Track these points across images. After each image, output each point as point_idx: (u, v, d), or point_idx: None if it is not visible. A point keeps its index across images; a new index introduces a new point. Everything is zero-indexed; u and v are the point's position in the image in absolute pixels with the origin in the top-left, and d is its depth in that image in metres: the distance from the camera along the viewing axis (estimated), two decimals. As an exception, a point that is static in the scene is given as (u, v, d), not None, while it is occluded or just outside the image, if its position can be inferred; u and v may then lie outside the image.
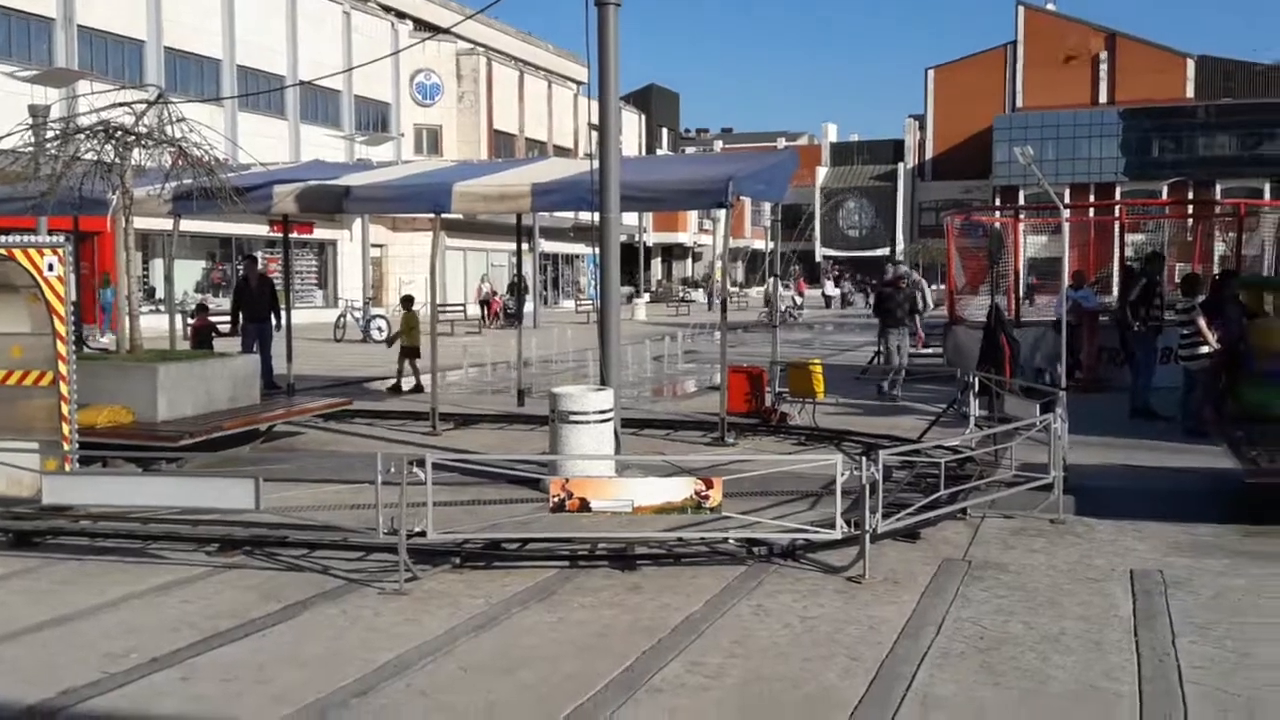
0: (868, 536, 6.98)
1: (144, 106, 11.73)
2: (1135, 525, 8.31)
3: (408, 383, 17.01)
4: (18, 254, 8.64)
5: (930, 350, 21.91)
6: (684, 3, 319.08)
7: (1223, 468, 9.60)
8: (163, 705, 5.07)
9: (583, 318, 38.86)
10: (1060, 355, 11.69)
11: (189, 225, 15.09)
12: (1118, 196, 64.47)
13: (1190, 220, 24.83)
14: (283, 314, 16.49)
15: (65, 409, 8.76)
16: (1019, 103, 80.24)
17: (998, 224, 21.90)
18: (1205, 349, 12.15)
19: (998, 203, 62.05)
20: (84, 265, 25.83)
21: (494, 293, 38.94)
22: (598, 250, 10.92)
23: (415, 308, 17.57)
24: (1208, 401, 12.33)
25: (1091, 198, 64.52)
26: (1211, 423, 11.75)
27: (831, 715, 4.90)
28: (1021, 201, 56.46)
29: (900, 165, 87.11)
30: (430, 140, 47.36)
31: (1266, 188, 67.72)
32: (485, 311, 37.37)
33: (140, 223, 12.43)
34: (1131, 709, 4.94)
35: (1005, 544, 7.85)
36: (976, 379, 11.61)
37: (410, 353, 17.12)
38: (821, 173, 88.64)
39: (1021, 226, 21.54)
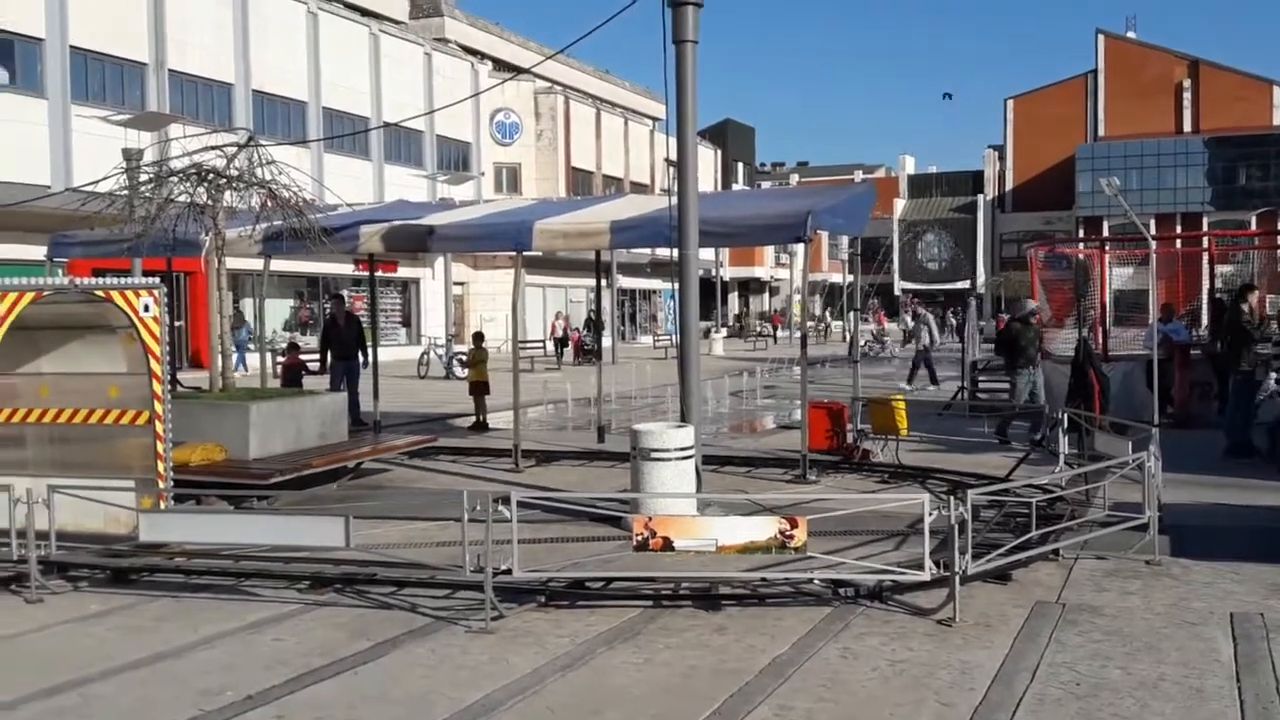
0: (957, 578, 6.86)
1: (235, 149, 12.06)
2: (1233, 566, 8.06)
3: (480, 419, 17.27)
4: (115, 295, 8.89)
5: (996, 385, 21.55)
6: (759, 37, 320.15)
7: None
8: (257, 742, 5.14)
9: (660, 352, 38.93)
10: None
11: (278, 264, 15.43)
12: (1204, 226, 63.19)
13: (1282, 250, 24.16)
14: (369, 352, 16.78)
15: (161, 448, 8.96)
16: (1101, 132, 79.03)
17: (1082, 256, 21.51)
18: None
19: (1081, 234, 61.08)
20: (176, 306, 26.50)
21: (571, 328, 39.14)
22: (675, 285, 10.95)
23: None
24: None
25: (1178, 228, 63.26)
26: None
27: (924, 762, 4.81)
28: (1106, 232, 55.54)
29: (980, 196, 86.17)
30: (509, 178, 47.98)
31: (1362, 216, 65.76)
32: (560, 348, 37.47)
33: (231, 262, 12.74)
34: (1238, 760, 4.79)
35: (1099, 586, 7.67)
36: (1065, 415, 11.39)
37: (478, 388, 17.39)
38: (899, 205, 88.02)
39: (1107, 258, 21.13)
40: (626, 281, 51.36)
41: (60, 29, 27.13)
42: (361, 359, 16.89)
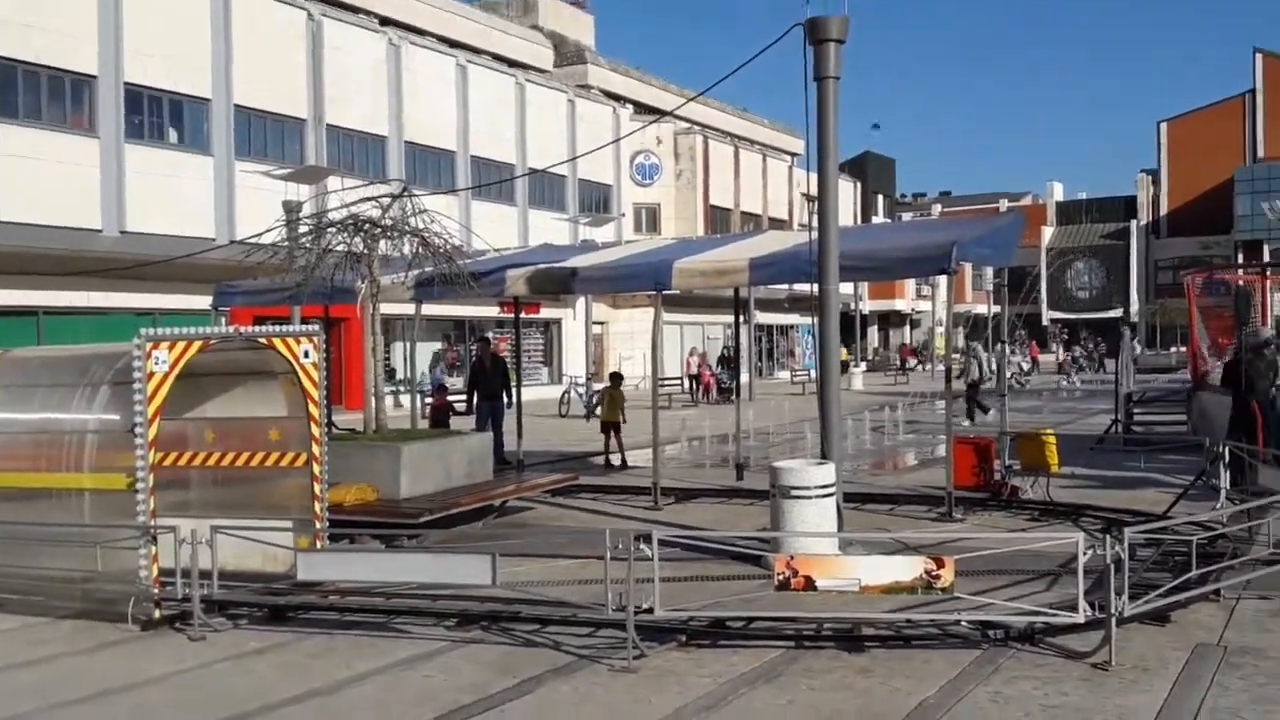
0: (1114, 619, 6.63)
1: (389, 200, 12.51)
2: None
3: (616, 457, 17.41)
4: (277, 343, 9.28)
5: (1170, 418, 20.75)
6: (899, 65, 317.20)
7: None
8: (409, 776, 5.28)
9: (797, 388, 38.63)
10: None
11: (426, 309, 15.90)
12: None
13: None
14: (514, 392, 17.12)
15: (317, 488, 9.30)
16: (1260, 153, 75.66)
17: (1243, 282, 20.63)
18: None
19: (1241, 259, 58.47)
20: (332, 351, 27.50)
21: (704, 365, 39.03)
22: (813, 320, 10.91)
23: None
24: None
25: (1348, 249, 60.02)
26: None
27: (1078, 811, 4.67)
28: (1267, 257, 53.06)
29: (1133, 222, 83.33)
30: (649, 218, 48.44)
31: None
32: (696, 385, 37.37)
33: (384, 308, 13.19)
34: None
35: (1263, 627, 7.32)
36: (1226, 449, 10.91)
37: (609, 427, 17.60)
38: (1047, 233, 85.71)
39: (1269, 284, 20.23)
40: (764, 317, 51.17)
41: (225, 89, 28.57)
42: (506, 399, 17.25)
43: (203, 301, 16.84)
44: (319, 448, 9.27)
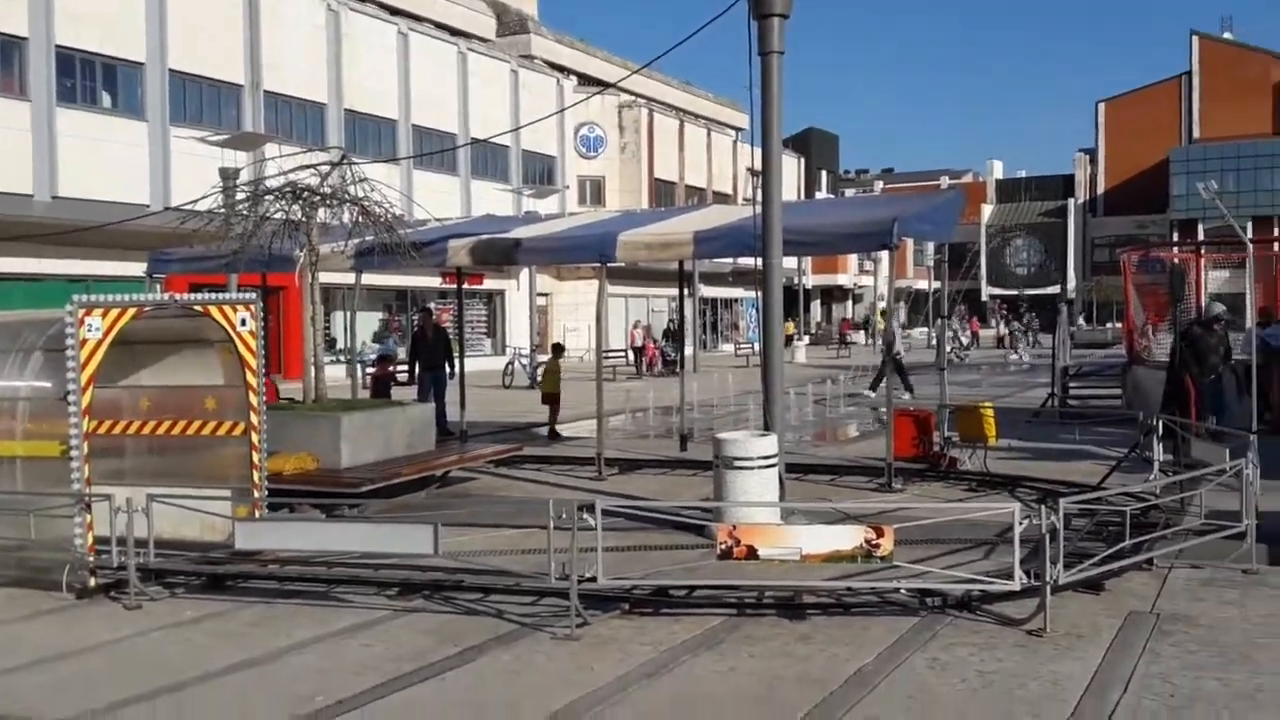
0: (1048, 587, 6.75)
1: (328, 167, 12.35)
2: (1338, 577, 7.81)
3: (561, 428, 17.47)
4: (212, 310, 9.14)
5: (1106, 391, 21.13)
6: (843, 43, 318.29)
7: None
8: (349, 745, 5.25)
9: (741, 361, 38.80)
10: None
11: (367, 278, 15.74)
12: (1307, 228, 61.16)
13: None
14: (455, 362, 17.03)
15: (256, 457, 9.19)
16: (1195, 134, 77.01)
17: (1177, 260, 21.01)
18: None
19: (1175, 237, 59.62)
20: (270, 319, 27.17)
21: (649, 338, 39.01)
22: (756, 294, 10.95)
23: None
24: None
25: (1276, 230, 61.34)
26: None
27: (1013, 773, 4.75)
28: (1201, 235, 54.14)
29: (1070, 201, 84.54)
30: (593, 190, 48.29)
31: None
32: (640, 358, 37.34)
33: (323, 276, 13.03)
34: (1341, 776, 4.64)
35: (1195, 596, 7.48)
36: (1160, 422, 11.13)
37: (548, 399, 17.64)
38: (987, 210, 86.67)
39: (1203, 262, 20.63)
40: (708, 290, 51.33)
41: (160, 53, 27.97)
42: (448, 370, 17.15)
43: (137, 269, 16.53)
44: (257, 416, 9.15)
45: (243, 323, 9.15)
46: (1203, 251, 21.86)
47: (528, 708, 5.65)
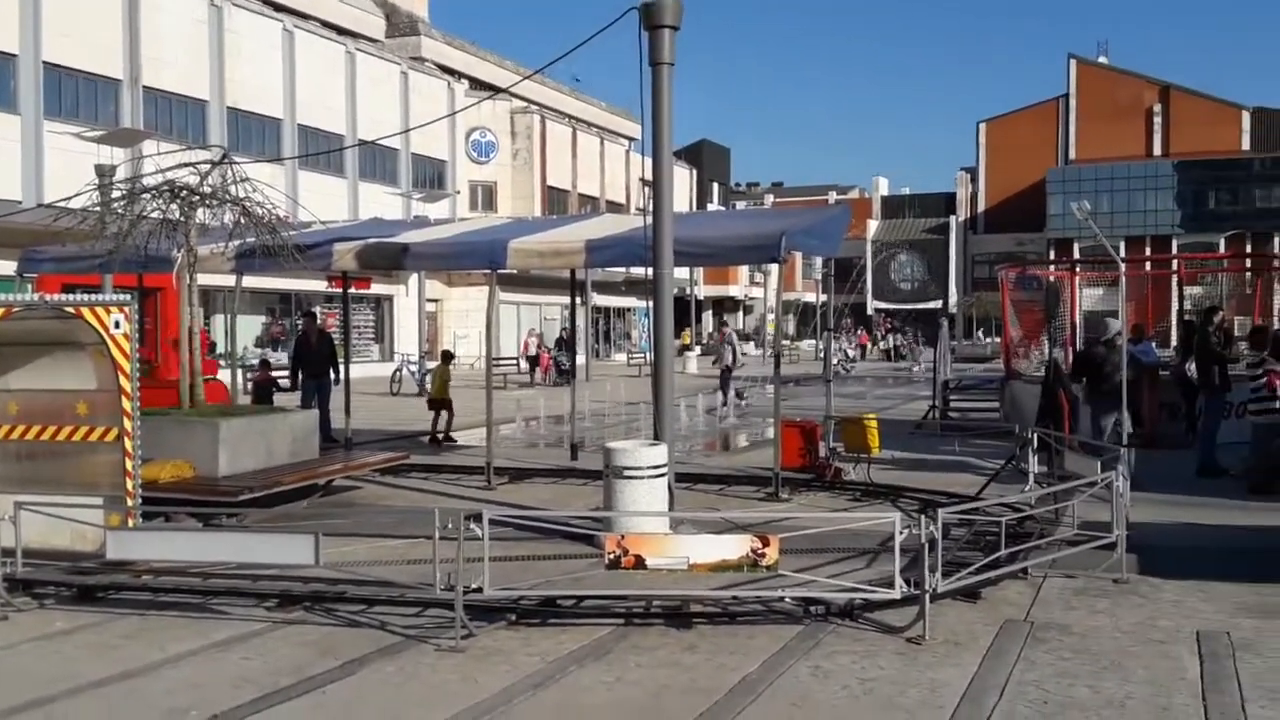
0: (928, 596, 6.89)
1: (208, 166, 12.03)
2: (1201, 585, 8.13)
3: (457, 435, 17.32)
4: (85, 312, 8.82)
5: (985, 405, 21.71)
6: (734, 58, 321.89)
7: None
8: (223, 762, 5.10)
9: (634, 370, 38.93)
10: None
11: (249, 281, 15.39)
12: (1174, 249, 63.86)
13: (1249, 273, 24.51)
14: (341, 369, 16.73)
15: (129, 465, 8.89)
16: (1072, 155, 79.90)
17: (1053, 277, 21.72)
18: (1278, 403, 11.95)
19: (1052, 256, 61.67)
20: (147, 322, 26.36)
21: (543, 347, 38.84)
22: (650, 303, 10.98)
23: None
24: (1274, 458, 12.10)
25: (1148, 250, 63.95)
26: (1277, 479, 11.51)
27: (893, 780, 4.82)
28: (1076, 254, 56.11)
29: (952, 218, 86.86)
30: (485, 196, 47.99)
31: (1327, 239, 66.70)
32: (534, 367, 37.13)
33: (202, 279, 12.70)
34: (1203, 778, 4.82)
35: (1068, 604, 7.71)
36: (1035, 435, 11.47)
37: (438, 405, 17.52)
38: (873, 226, 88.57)
39: (1078, 280, 21.35)
40: (601, 299, 51.39)
41: (34, 45, 27.00)
42: (333, 376, 16.84)
43: (7, 267, 15.89)
44: (131, 422, 8.85)
45: (116, 325, 8.84)
46: (1077, 270, 22.59)
47: (410, 721, 5.56)
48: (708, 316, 75.07)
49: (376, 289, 39.06)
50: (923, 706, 5.72)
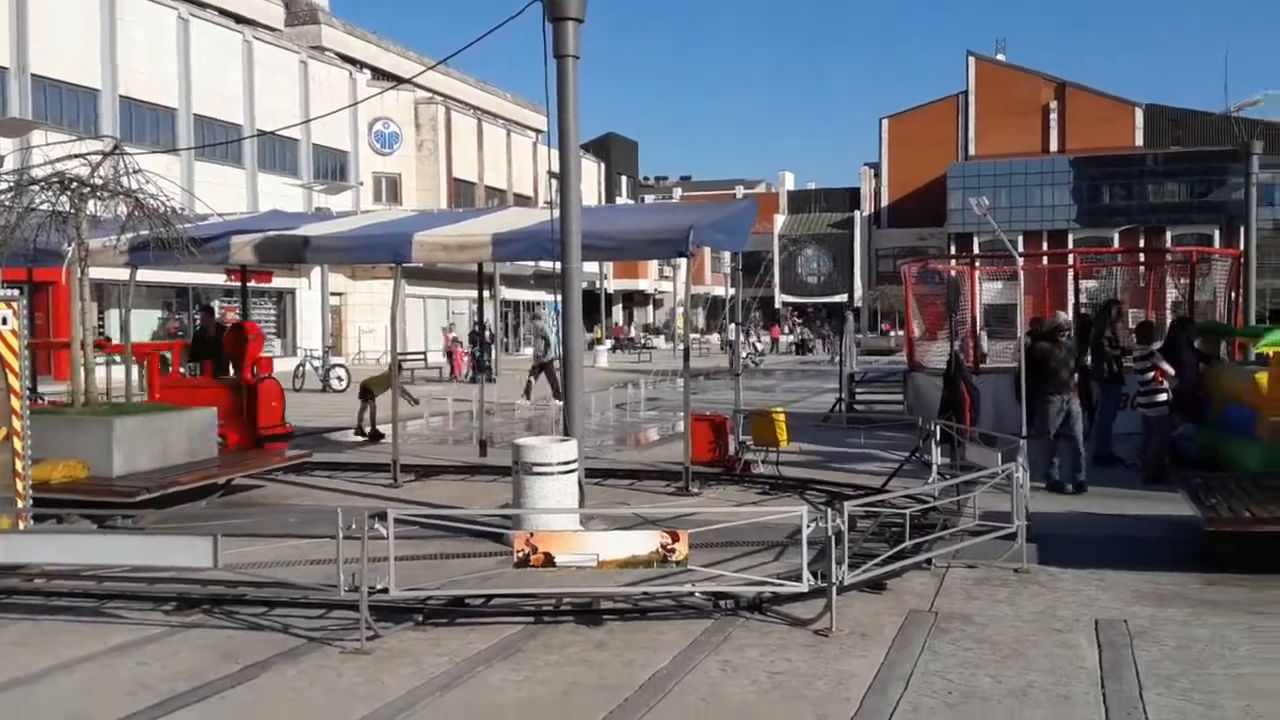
0: (834, 589, 6.95)
1: (99, 157, 11.64)
2: (1098, 574, 8.34)
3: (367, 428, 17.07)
4: (-30, 308, 8.47)
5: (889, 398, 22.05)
6: (640, 52, 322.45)
7: (1182, 515, 9.66)
8: (118, 773, 4.93)
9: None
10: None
11: (145, 275, 14.90)
12: (1070, 243, 65.68)
13: (1143, 267, 25.24)
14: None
15: (19, 465, 8.57)
16: (971, 151, 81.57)
17: (954, 272, 22.12)
18: (1163, 396, 12.30)
19: (953, 250, 62.89)
20: (38, 317, 25.52)
21: (457, 341, 38.33)
22: (559, 297, 10.92)
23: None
24: (1165, 448, 12.46)
25: (1044, 244, 65.59)
26: (1170, 470, 11.86)
27: (802, 774, 4.85)
28: (976, 248, 57.31)
29: (856, 213, 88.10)
30: (389, 188, 47.35)
31: (1216, 234, 69.09)
32: (450, 363, 36.54)
33: (95, 273, 12.28)
34: (1101, 763, 4.93)
35: (970, 594, 7.85)
36: (938, 427, 11.66)
37: (367, 394, 17.20)
38: (779, 220, 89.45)
39: (977, 274, 21.77)
40: (510, 293, 51.09)
41: (-87, 28, 25.95)
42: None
43: (-115, 260, 15.18)
44: (20, 421, 8.53)
45: (4, 321, 8.51)
46: (977, 264, 23.04)
47: (314, 726, 5.43)
48: (618, 310, 75.11)
49: (278, 283, 38.27)
50: (830, 699, 5.77)
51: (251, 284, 17.90)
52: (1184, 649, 6.56)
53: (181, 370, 17.33)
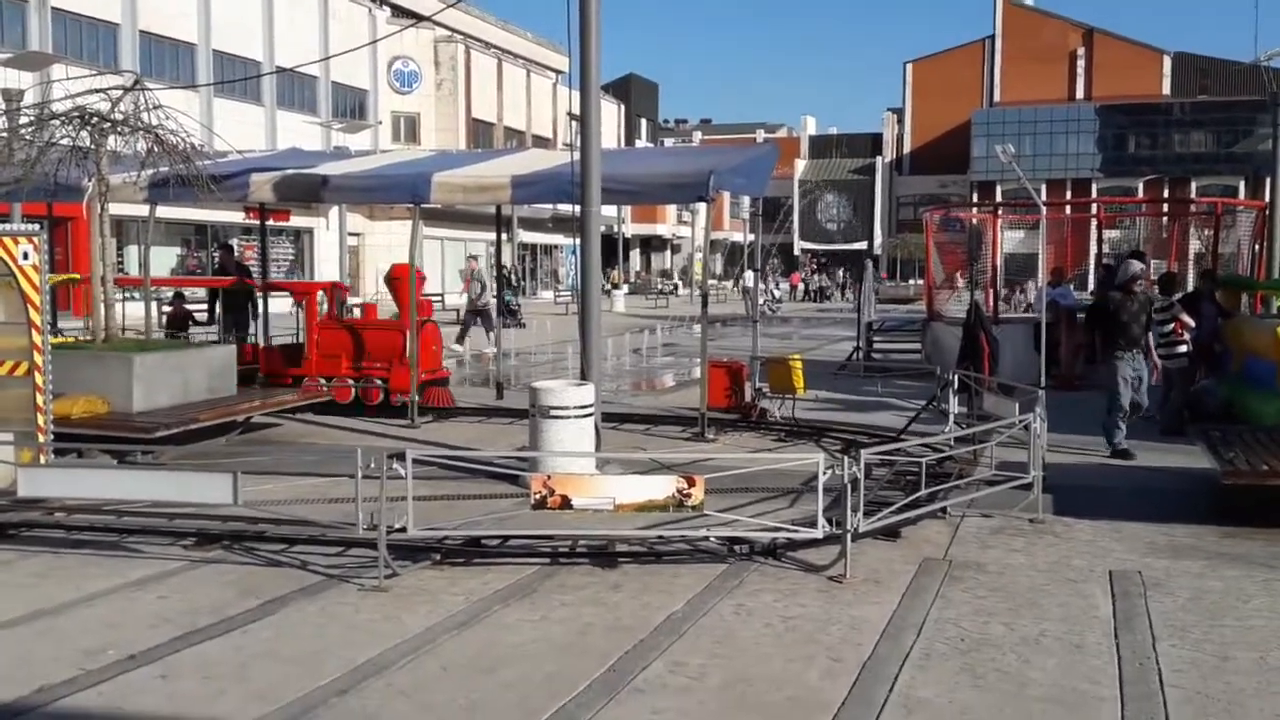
0: (849, 535, 6.97)
1: (120, 92, 11.60)
2: (1114, 525, 8.34)
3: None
4: (-9, 242, 8.51)
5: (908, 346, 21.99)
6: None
7: (1200, 468, 9.65)
8: (141, 703, 5.01)
9: (560, 309, 38.78)
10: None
11: (164, 212, 14.95)
12: (1094, 193, 65.03)
13: (1166, 218, 24.99)
14: (260, 303, 16.39)
15: (40, 400, 8.65)
16: (997, 97, 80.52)
17: (976, 220, 21.95)
18: (1183, 348, 12.22)
19: (975, 198, 62.34)
20: (57, 252, 25.58)
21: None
22: (577, 241, 10.88)
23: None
24: (1184, 401, 12.41)
25: (1068, 194, 64.96)
26: (1188, 423, 11.81)
27: (814, 717, 4.90)
28: (999, 197, 56.77)
29: (878, 159, 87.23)
30: (408, 128, 47.12)
31: (1241, 186, 68.29)
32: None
33: (115, 209, 12.31)
34: (1113, 713, 4.96)
35: (984, 544, 7.87)
36: (956, 376, 11.62)
37: None
38: (800, 165, 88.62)
39: (999, 223, 21.60)
40: (527, 236, 51.00)
41: (-68, -41, 25.80)
42: (251, 310, 16.49)
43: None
44: (41, 356, 8.60)
45: (25, 256, 8.56)
46: (999, 213, 22.85)
47: (332, 660, 5.51)
48: (635, 255, 74.89)
49: (296, 222, 38.31)
50: (843, 644, 5.81)
51: (270, 223, 17.88)
52: (1198, 600, 6.57)
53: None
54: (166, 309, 17.72)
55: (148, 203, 13.43)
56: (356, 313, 17.78)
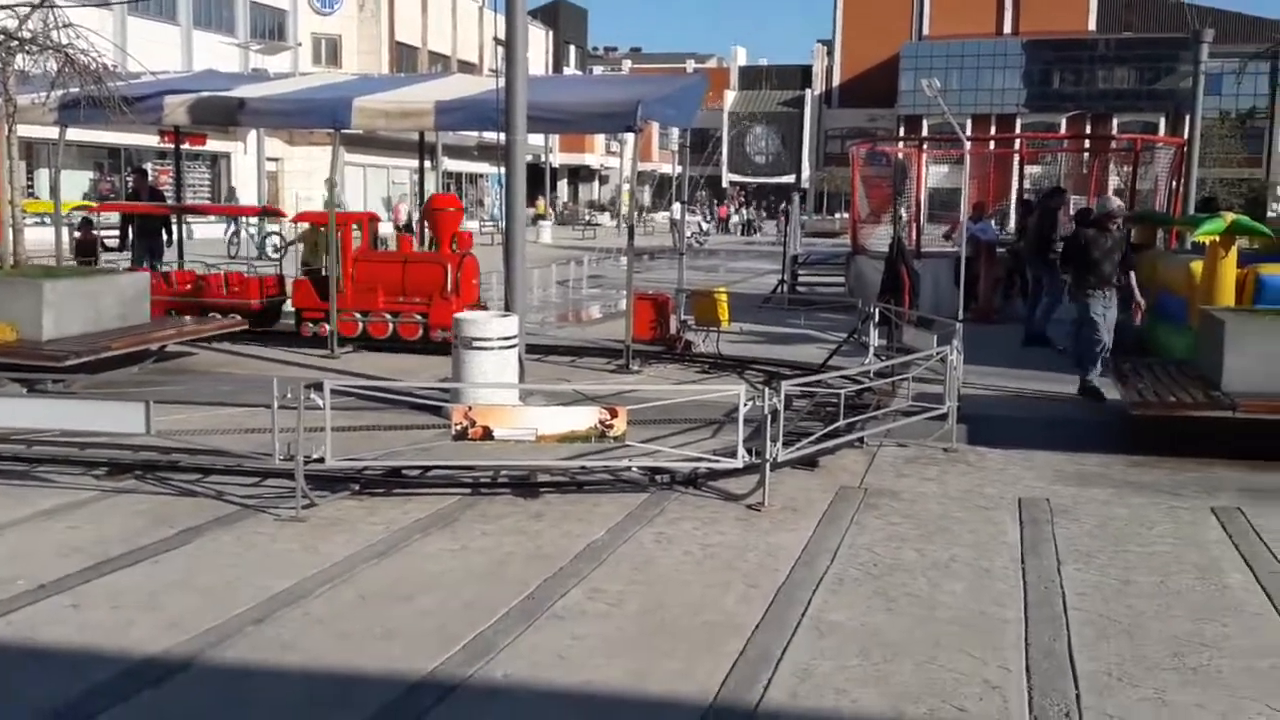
0: (768, 465, 7.06)
1: (27, 10, 11.17)
2: (1025, 454, 8.55)
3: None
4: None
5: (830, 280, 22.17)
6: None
7: (1109, 399, 9.89)
8: (51, 633, 4.94)
9: (486, 239, 38.36)
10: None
11: (76, 134, 14.48)
12: (1018, 128, 65.55)
13: (1087, 154, 25.35)
14: (174, 229, 16.01)
15: (-57, 327, 8.39)
16: (925, 30, 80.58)
17: (901, 154, 22.07)
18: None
19: (902, 132, 62.64)
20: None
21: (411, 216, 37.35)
22: (502, 170, 10.74)
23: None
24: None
25: (993, 129, 65.48)
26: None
27: (729, 641, 4.98)
28: (925, 131, 57.13)
29: (808, 91, 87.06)
30: (329, 50, 45.96)
31: (1161, 122, 69.35)
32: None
33: (23, 130, 11.93)
34: (1017, 634, 5.11)
35: (900, 472, 8.02)
36: (876, 309, 11.75)
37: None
38: (730, 96, 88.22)
39: (924, 158, 21.75)
40: (452, 164, 50.22)
41: None
42: (165, 237, 16.10)
43: None
44: (-56, 282, 8.32)
45: (-76, 177, 8.23)
46: (925, 147, 22.99)
47: (247, 589, 5.47)
48: (563, 185, 74.28)
49: (212, 146, 37.34)
50: (760, 570, 5.90)
51: (185, 146, 17.41)
52: (1103, 527, 6.78)
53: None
54: (76, 234, 17.24)
55: (58, 125, 12.97)
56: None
